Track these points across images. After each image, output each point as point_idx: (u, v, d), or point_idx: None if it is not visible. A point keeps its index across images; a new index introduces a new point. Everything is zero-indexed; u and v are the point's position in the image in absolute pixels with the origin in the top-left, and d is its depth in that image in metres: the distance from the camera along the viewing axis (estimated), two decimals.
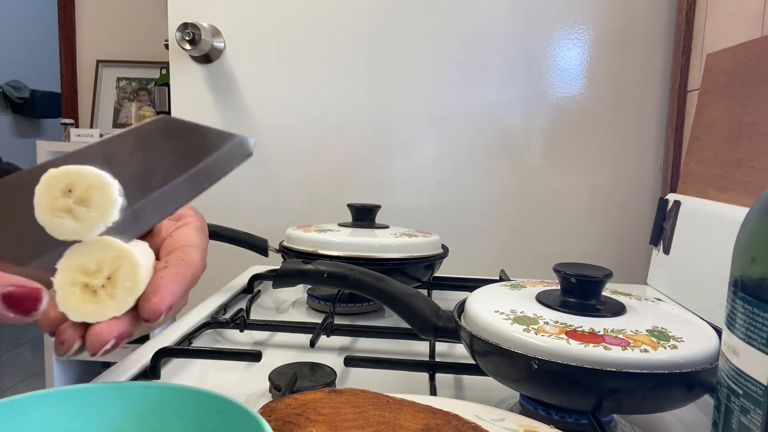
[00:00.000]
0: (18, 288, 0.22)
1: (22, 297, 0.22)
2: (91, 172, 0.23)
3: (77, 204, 0.23)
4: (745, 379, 0.28)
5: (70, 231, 0.24)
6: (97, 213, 0.24)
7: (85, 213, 0.23)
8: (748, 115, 0.71)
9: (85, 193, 0.23)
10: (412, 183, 1.07)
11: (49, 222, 0.23)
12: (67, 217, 0.23)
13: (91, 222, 0.24)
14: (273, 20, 1.07)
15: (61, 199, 0.23)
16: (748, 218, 0.29)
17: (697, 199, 0.78)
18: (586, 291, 0.46)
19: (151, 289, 0.26)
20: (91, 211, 0.23)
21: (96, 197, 0.23)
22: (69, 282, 0.24)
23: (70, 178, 0.23)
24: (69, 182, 0.23)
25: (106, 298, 0.24)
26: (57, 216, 0.23)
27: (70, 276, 0.24)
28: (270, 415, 0.35)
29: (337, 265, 0.55)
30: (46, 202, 0.23)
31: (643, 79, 1.03)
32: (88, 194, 0.23)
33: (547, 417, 0.45)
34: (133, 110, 2.42)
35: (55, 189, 0.23)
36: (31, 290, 0.23)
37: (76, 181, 0.23)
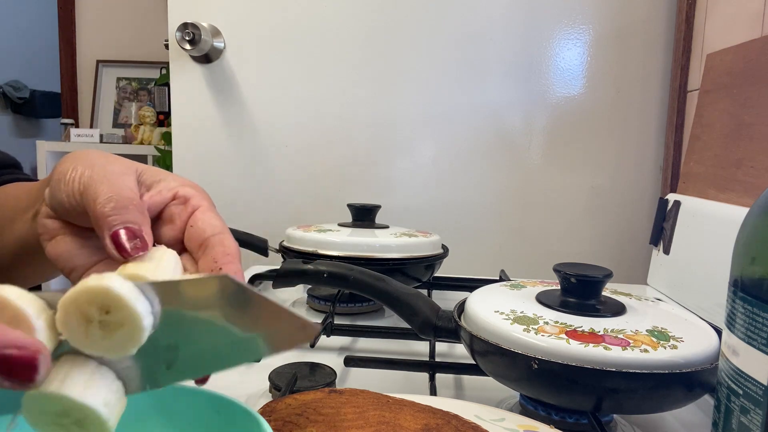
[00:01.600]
0: (14, 352, 0.19)
1: (18, 361, 0.19)
2: (131, 303, 0.22)
3: (102, 325, 0.22)
4: (745, 379, 0.28)
5: (96, 346, 0.22)
6: (122, 342, 0.22)
7: (110, 335, 0.22)
8: (748, 115, 0.71)
9: (115, 319, 0.22)
10: (412, 183, 1.07)
11: (75, 330, 0.22)
12: (96, 331, 0.22)
13: (115, 346, 0.22)
14: (273, 20, 1.06)
15: (91, 313, 0.22)
16: (748, 218, 0.29)
17: (697, 199, 0.78)
18: (586, 291, 0.46)
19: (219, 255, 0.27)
20: (116, 336, 0.22)
21: (125, 331, 0.22)
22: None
23: (109, 300, 0.22)
24: (105, 303, 0.22)
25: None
26: (85, 325, 0.22)
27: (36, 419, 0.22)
28: (270, 415, 0.35)
29: (337, 265, 0.55)
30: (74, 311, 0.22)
31: (643, 79, 1.03)
32: (119, 323, 0.22)
33: (547, 417, 0.45)
34: (133, 110, 2.42)
35: (92, 303, 0.22)
36: (27, 355, 0.19)
37: (112, 305, 0.22)
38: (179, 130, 1.11)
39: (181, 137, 1.11)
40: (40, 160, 2.14)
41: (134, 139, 2.24)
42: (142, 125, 2.24)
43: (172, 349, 0.24)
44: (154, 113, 2.25)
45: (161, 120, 2.28)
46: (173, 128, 1.12)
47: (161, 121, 2.28)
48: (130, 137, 2.27)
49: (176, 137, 1.12)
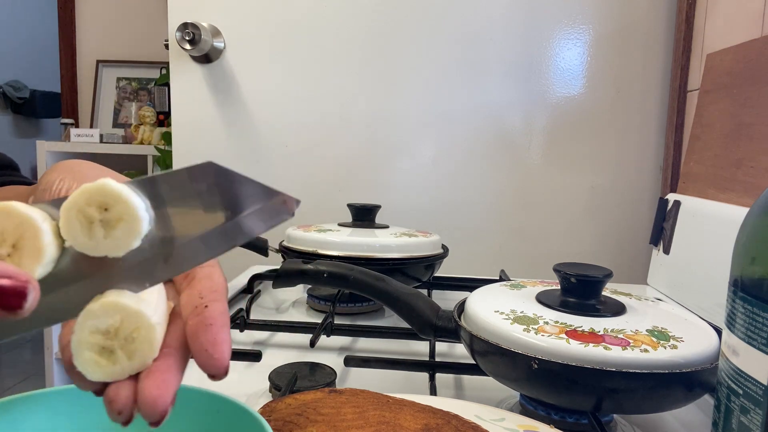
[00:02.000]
0: (4, 282, 0.20)
1: (7, 292, 0.20)
2: (127, 196, 0.23)
3: (103, 223, 0.23)
4: (745, 379, 0.28)
5: (100, 246, 0.23)
6: (123, 237, 0.23)
7: (111, 233, 0.23)
8: (748, 115, 0.71)
9: (115, 214, 0.23)
10: (412, 183, 1.07)
11: (79, 233, 0.23)
12: (98, 230, 0.23)
13: (118, 242, 0.23)
14: (273, 20, 1.07)
15: (91, 213, 0.23)
16: (748, 218, 0.29)
17: (697, 199, 0.78)
18: (586, 291, 0.46)
19: (209, 342, 0.25)
20: (118, 232, 0.23)
21: (125, 224, 0.23)
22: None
23: (106, 197, 0.23)
24: (103, 201, 0.23)
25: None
26: (87, 227, 0.23)
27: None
28: (270, 415, 0.35)
29: (337, 265, 0.55)
30: (76, 214, 0.23)
31: (643, 79, 1.03)
32: (119, 218, 0.23)
33: (547, 417, 0.45)
34: (133, 110, 2.42)
35: (91, 202, 0.23)
36: (16, 285, 0.20)
37: (110, 202, 0.23)
38: (179, 130, 1.11)
39: (181, 137, 1.11)
40: (40, 160, 2.14)
41: (134, 139, 2.24)
42: (142, 125, 2.24)
43: (167, 242, 0.24)
44: (154, 113, 2.25)
45: (161, 120, 2.28)
46: (173, 128, 1.12)
47: (161, 121, 2.28)
48: (130, 137, 2.26)
49: (176, 137, 1.12)
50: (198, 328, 0.25)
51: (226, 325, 0.26)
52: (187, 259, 0.25)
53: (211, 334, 0.25)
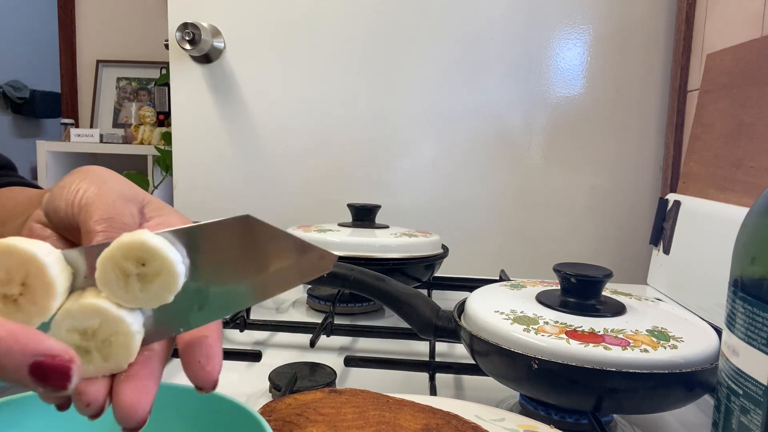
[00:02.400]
0: (47, 359, 0.20)
1: (51, 370, 0.20)
2: (165, 252, 0.23)
3: (140, 277, 0.23)
4: (745, 379, 0.28)
5: (136, 299, 0.23)
6: (160, 291, 0.23)
7: (148, 287, 0.23)
8: (748, 115, 0.71)
9: (152, 270, 0.23)
10: (412, 183, 1.07)
11: (115, 285, 0.23)
12: (134, 284, 0.23)
13: (154, 296, 0.23)
14: (273, 20, 1.06)
15: (128, 267, 0.23)
16: (748, 218, 0.29)
17: (697, 199, 0.78)
18: (586, 291, 0.46)
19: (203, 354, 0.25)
20: (154, 287, 0.23)
21: (162, 280, 0.23)
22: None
23: (144, 252, 0.23)
24: (141, 256, 0.23)
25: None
26: (123, 280, 0.23)
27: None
28: (270, 415, 0.35)
29: (337, 265, 0.55)
30: (112, 267, 0.23)
31: (643, 79, 1.03)
32: (156, 273, 0.23)
33: (547, 417, 0.45)
34: (133, 110, 2.42)
35: (129, 256, 0.23)
36: (61, 363, 0.20)
37: (147, 257, 0.23)
38: (179, 130, 1.11)
39: (181, 137, 1.11)
40: (40, 160, 2.14)
41: (134, 139, 2.24)
42: (142, 125, 2.24)
43: (203, 290, 0.25)
44: (154, 113, 2.25)
45: (161, 120, 2.28)
46: (173, 128, 1.12)
47: (161, 121, 2.28)
48: (130, 137, 2.27)
49: (176, 137, 1.12)
50: (193, 339, 0.25)
51: (220, 339, 0.26)
52: (221, 308, 0.25)
53: (206, 347, 0.25)
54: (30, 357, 0.19)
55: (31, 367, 0.19)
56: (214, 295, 0.25)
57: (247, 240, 0.25)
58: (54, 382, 0.20)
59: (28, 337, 0.20)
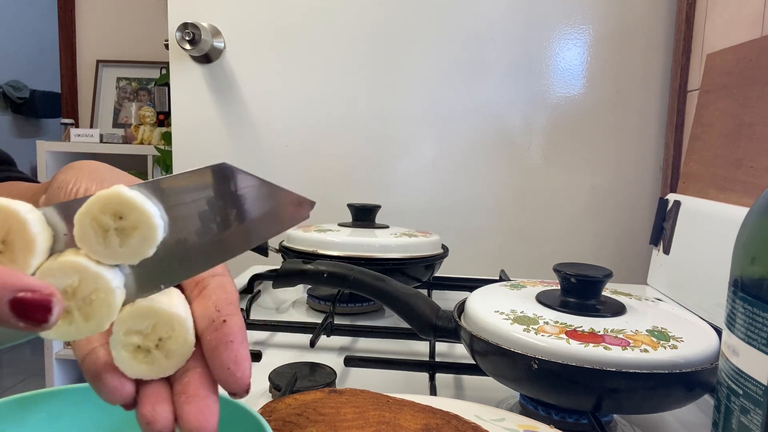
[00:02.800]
0: (28, 295, 0.20)
1: (32, 304, 0.20)
2: (142, 204, 0.23)
3: (118, 232, 0.23)
4: (745, 379, 0.28)
5: (115, 255, 0.23)
6: (139, 245, 0.23)
7: (127, 241, 0.23)
8: (748, 115, 0.71)
9: (130, 223, 0.23)
10: (412, 183, 1.07)
11: (93, 241, 0.23)
12: (113, 239, 0.23)
13: (133, 250, 0.23)
14: (273, 20, 1.07)
15: (106, 222, 0.23)
16: (748, 218, 0.29)
17: (697, 199, 0.78)
18: (586, 291, 0.46)
19: (231, 360, 0.24)
20: (133, 240, 0.23)
21: (140, 233, 0.23)
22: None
23: (121, 205, 0.23)
24: (118, 209, 0.23)
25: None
26: (102, 236, 0.23)
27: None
28: (270, 415, 0.35)
29: (337, 265, 0.55)
30: (90, 222, 0.23)
31: (643, 79, 1.03)
32: (134, 226, 0.23)
33: (547, 417, 0.45)
34: (133, 110, 2.42)
35: (106, 210, 0.23)
36: (41, 297, 0.20)
37: (124, 210, 0.23)
38: (179, 130, 1.11)
39: (181, 137, 1.11)
40: (40, 160, 2.14)
41: (134, 139, 2.24)
42: (142, 125, 2.24)
43: (181, 243, 0.24)
44: (154, 113, 2.25)
45: (161, 120, 2.28)
46: (173, 128, 1.12)
47: (161, 121, 2.28)
48: (130, 137, 2.26)
49: (176, 137, 1.12)
50: (218, 344, 0.25)
51: (245, 341, 0.26)
52: (202, 261, 0.25)
53: (233, 352, 0.25)
54: (10, 293, 0.20)
55: (12, 303, 0.20)
56: (193, 248, 0.25)
57: (224, 188, 0.24)
58: (35, 316, 0.20)
59: (8, 274, 0.20)
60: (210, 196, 0.24)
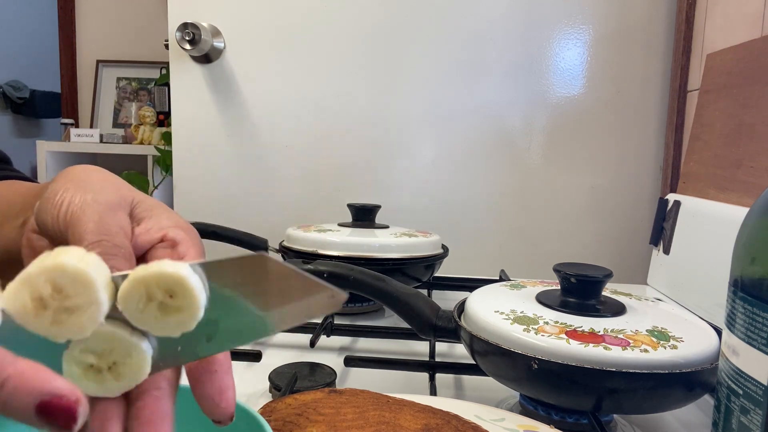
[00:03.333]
0: (54, 399, 0.20)
1: (57, 410, 0.20)
2: (197, 295, 0.23)
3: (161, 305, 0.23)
4: (745, 379, 0.28)
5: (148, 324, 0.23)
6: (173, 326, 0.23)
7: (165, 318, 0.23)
8: (748, 115, 0.71)
9: (176, 304, 0.23)
10: (412, 183, 1.07)
11: (134, 306, 0.23)
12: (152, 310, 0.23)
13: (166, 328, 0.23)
14: (273, 20, 1.06)
15: (154, 293, 0.23)
16: (748, 218, 0.29)
17: (697, 199, 0.78)
18: (586, 291, 0.46)
19: (216, 391, 0.25)
20: (171, 320, 0.23)
21: (181, 316, 0.23)
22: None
23: (177, 286, 0.23)
24: (171, 289, 0.23)
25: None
26: (144, 303, 0.23)
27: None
28: (270, 415, 0.35)
29: (337, 265, 0.55)
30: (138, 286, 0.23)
31: (643, 79, 1.03)
32: (178, 309, 0.23)
33: (547, 417, 0.45)
34: (133, 110, 2.42)
35: (161, 284, 0.23)
36: (67, 404, 0.20)
37: (178, 292, 0.23)
38: (179, 130, 1.11)
39: (181, 137, 1.11)
40: (40, 160, 2.14)
41: (134, 139, 2.24)
42: (142, 125, 2.24)
43: (213, 323, 0.25)
44: (154, 113, 2.25)
45: (161, 120, 2.28)
46: (173, 128, 1.12)
47: (161, 121, 2.28)
48: (130, 137, 2.27)
49: (176, 137, 1.12)
50: (202, 374, 0.25)
51: (229, 369, 0.26)
52: (228, 341, 0.25)
53: (217, 382, 0.25)
54: (37, 397, 0.20)
55: (38, 407, 0.20)
56: (223, 329, 0.25)
57: (260, 277, 0.25)
58: (60, 422, 0.20)
59: (37, 377, 0.20)
60: (246, 282, 0.25)
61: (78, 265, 0.22)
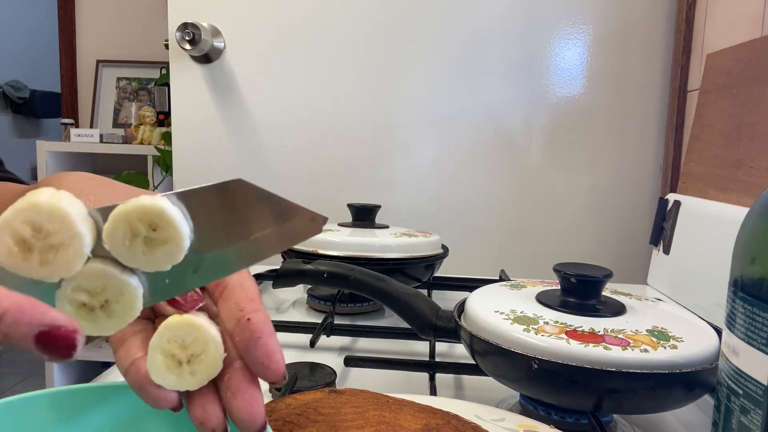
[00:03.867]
0: (52, 329, 0.21)
1: (57, 340, 0.21)
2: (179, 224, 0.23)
3: (146, 240, 0.23)
4: (745, 379, 0.28)
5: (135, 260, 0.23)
6: (161, 259, 0.24)
7: (152, 251, 0.23)
8: (748, 115, 0.71)
9: (160, 237, 0.23)
10: (412, 183, 1.07)
11: (120, 242, 0.23)
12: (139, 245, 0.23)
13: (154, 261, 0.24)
14: (273, 20, 1.06)
15: (138, 228, 0.23)
16: (748, 218, 0.29)
17: (697, 199, 0.78)
18: (586, 291, 0.46)
19: (263, 355, 0.26)
20: (158, 253, 0.23)
21: (167, 248, 0.23)
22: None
23: (160, 219, 0.23)
24: (154, 221, 0.23)
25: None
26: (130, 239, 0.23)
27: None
28: (270, 415, 0.35)
29: (337, 265, 0.55)
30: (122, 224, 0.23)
31: (643, 79, 1.03)
32: (163, 241, 0.23)
33: (547, 417, 0.45)
34: (133, 110, 2.42)
35: (143, 218, 0.23)
36: (65, 333, 0.21)
37: (161, 224, 0.23)
38: (179, 130, 1.11)
39: (181, 137, 1.11)
40: (40, 160, 2.14)
41: (134, 139, 2.24)
42: (142, 125, 2.24)
43: (197, 253, 0.25)
44: (154, 113, 2.25)
45: (161, 120, 2.28)
46: (173, 128, 1.12)
47: (161, 121, 2.28)
48: (130, 137, 2.26)
49: (176, 137, 1.12)
50: (248, 343, 0.26)
51: (272, 333, 0.27)
52: (215, 271, 0.26)
53: (263, 347, 0.26)
54: (36, 327, 0.20)
55: (37, 337, 0.20)
56: (208, 259, 0.25)
57: (239, 203, 0.25)
58: (60, 351, 0.21)
59: (34, 309, 0.21)
60: (226, 210, 0.25)
61: (50, 200, 0.22)
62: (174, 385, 0.25)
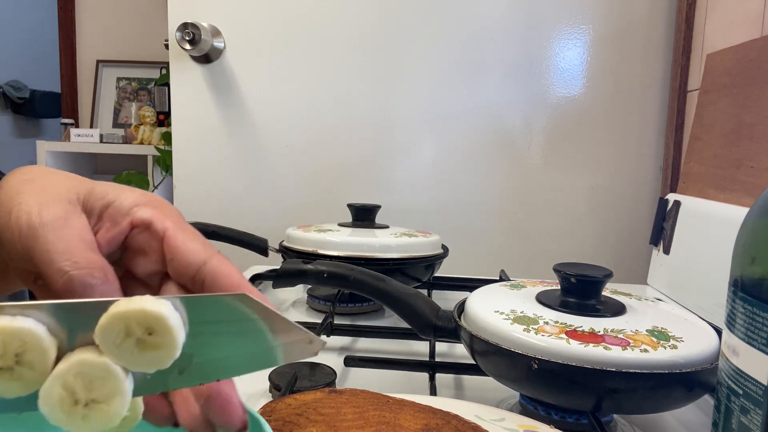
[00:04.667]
0: None
1: None
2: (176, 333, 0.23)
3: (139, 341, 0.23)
4: (745, 379, 0.28)
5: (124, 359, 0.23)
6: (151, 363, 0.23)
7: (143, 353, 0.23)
8: (748, 115, 0.71)
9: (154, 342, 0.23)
10: (412, 183, 1.07)
11: (111, 340, 0.23)
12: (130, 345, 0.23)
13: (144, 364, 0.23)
14: (273, 20, 1.06)
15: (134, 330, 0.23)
16: (748, 218, 0.29)
17: (697, 199, 0.78)
18: (586, 291, 0.46)
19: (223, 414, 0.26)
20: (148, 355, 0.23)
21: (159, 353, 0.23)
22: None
23: (157, 325, 0.23)
24: (151, 327, 0.23)
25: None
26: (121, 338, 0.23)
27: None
28: (270, 415, 0.35)
29: (337, 265, 0.55)
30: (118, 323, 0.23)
31: (643, 79, 1.03)
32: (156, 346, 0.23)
33: (547, 417, 0.45)
34: (133, 110, 2.42)
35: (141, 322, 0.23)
36: None
37: (157, 330, 0.23)
38: (179, 130, 1.11)
39: (181, 137, 1.11)
40: (40, 160, 2.14)
41: (134, 139, 2.24)
42: (142, 125, 2.24)
43: (187, 357, 0.25)
44: (154, 113, 2.25)
45: (161, 120, 2.28)
46: (173, 128, 1.12)
47: (161, 121, 2.28)
48: (130, 137, 2.26)
49: (176, 137, 1.12)
50: (211, 393, 0.26)
51: (233, 386, 0.27)
52: (200, 376, 0.26)
53: (222, 401, 0.26)
54: None
55: None
56: (197, 364, 0.25)
57: (240, 317, 0.25)
58: None
59: None
60: (226, 322, 0.25)
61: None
62: (58, 421, 0.23)
